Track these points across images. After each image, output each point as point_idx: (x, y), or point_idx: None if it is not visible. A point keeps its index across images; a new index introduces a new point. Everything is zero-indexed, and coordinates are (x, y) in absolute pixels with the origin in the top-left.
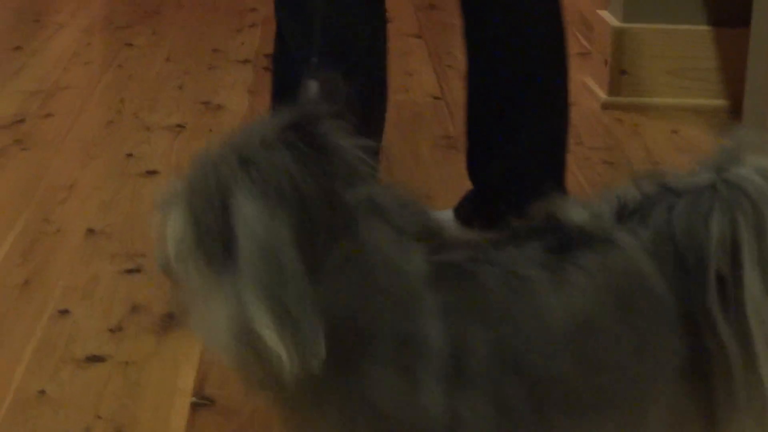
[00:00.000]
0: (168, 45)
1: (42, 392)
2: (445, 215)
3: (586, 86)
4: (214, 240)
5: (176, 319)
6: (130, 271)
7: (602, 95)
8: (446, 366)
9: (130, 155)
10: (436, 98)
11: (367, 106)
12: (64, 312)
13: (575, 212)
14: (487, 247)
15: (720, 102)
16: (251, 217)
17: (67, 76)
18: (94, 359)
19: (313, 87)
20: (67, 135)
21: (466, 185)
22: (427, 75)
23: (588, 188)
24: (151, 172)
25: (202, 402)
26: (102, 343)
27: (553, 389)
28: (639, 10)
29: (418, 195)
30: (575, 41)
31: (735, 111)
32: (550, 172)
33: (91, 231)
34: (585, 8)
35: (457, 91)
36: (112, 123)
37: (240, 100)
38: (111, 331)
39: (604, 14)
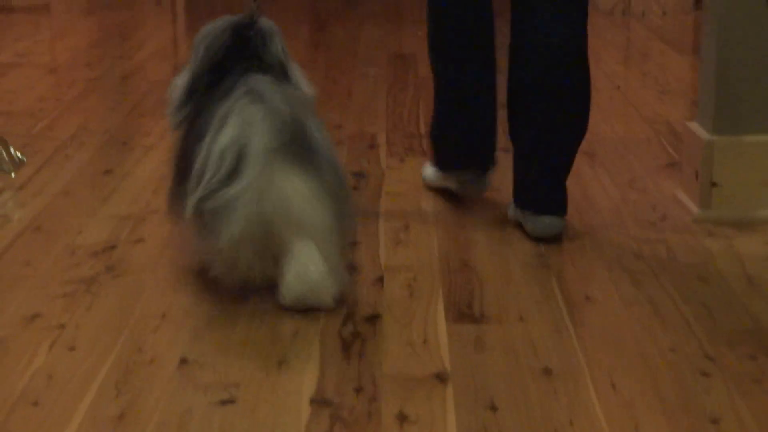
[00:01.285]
0: None
1: None
2: None
3: (677, 199)
4: None
5: None
6: (224, 402)
7: (694, 208)
8: None
9: (219, 282)
10: None
11: None
12: None
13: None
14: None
15: None
16: None
17: (156, 200)
18: None
19: None
20: (158, 260)
21: (561, 306)
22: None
23: (683, 306)
24: (240, 295)
25: None
26: None
27: None
28: (729, 122)
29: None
30: (663, 151)
31: None
32: (571, 141)
33: (184, 360)
34: (672, 118)
35: None
36: None
37: None
38: None
39: (693, 126)
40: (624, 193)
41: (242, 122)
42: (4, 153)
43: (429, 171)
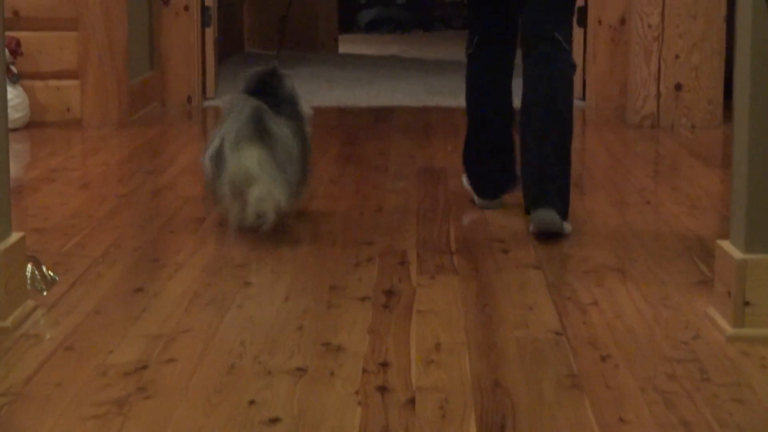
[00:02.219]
0: (286, 283)
1: None
2: None
3: (709, 317)
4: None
5: None
6: None
7: (727, 328)
8: None
9: (252, 402)
10: (557, 334)
11: None
12: None
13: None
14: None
15: None
16: None
17: (188, 319)
18: None
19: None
20: (189, 381)
21: (595, 430)
22: (546, 309)
23: (719, 429)
24: (274, 420)
25: None
26: None
27: None
28: (761, 240)
29: None
30: (695, 268)
31: None
32: (564, 164)
33: None
34: (704, 234)
35: (579, 326)
36: (233, 368)
37: (360, 339)
38: None
39: (725, 244)
40: (656, 310)
41: (227, 124)
42: (36, 271)
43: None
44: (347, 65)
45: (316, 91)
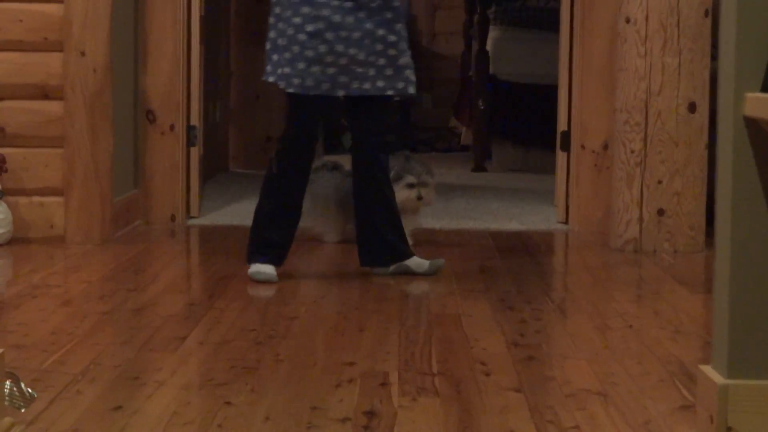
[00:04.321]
0: (266, 403)
1: None
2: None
3: None
4: None
5: None
6: None
7: None
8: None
9: None
10: None
11: None
12: None
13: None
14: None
15: None
16: None
17: None
18: None
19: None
20: None
21: None
22: None
23: None
24: None
25: None
26: None
27: None
28: (744, 366)
29: None
30: (677, 393)
31: None
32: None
33: None
34: (686, 359)
35: None
36: None
37: None
38: None
39: (707, 369)
40: None
41: None
42: (15, 388)
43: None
44: None
45: None
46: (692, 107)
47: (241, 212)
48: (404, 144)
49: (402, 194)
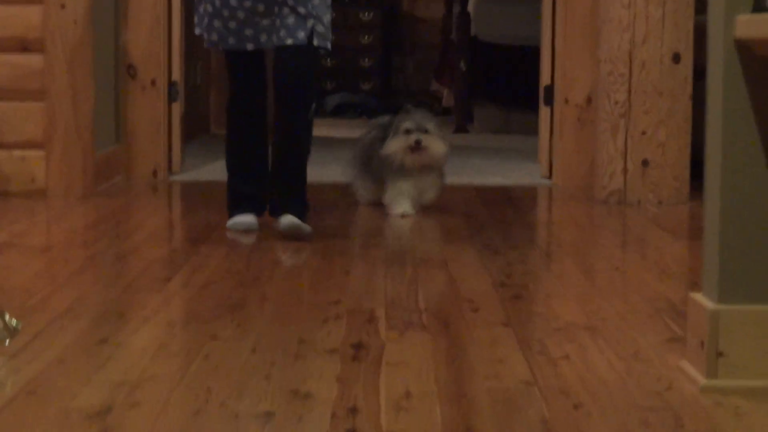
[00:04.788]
0: (253, 337)
1: None
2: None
3: (682, 370)
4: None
5: None
6: None
7: (700, 379)
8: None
9: None
10: (528, 384)
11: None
12: None
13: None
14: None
15: None
16: None
17: (153, 367)
18: None
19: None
20: (154, 425)
21: None
22: (517, 362)
23: None
24: None
25: None
26: None
27: None
28: (734, 291)
29: None
30: (665, 327)
31: None
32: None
33: None
34: (673, 297)
35: (550, 377)
36: (199, 412)
37: (328, 387)
38: None
39: (697, 296)
40: (628, 364)
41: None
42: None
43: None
44: (314, 144)
45: None
46: (677, 58)
47: (222, 169)
48: (385, 109)
49: (396, 143)
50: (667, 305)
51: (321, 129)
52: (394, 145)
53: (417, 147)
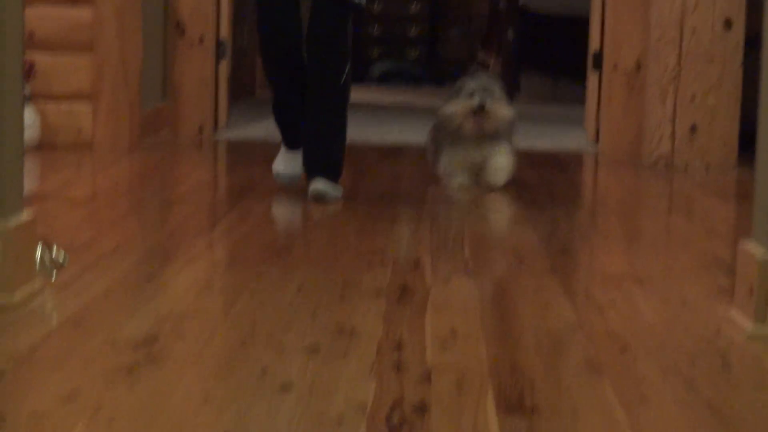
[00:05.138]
0: (299, 278)
1: None
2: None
3: (730, 318)
4: None
5: None
6: None
7: (749, 325)
8: None
9: (264, 372)
10: (574, 327)
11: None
12: None
13: None
14: None
15: None
16: None
17: (198, 302)
18: None
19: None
20: (200, 354)
21: (615, 405)
22: (563, 306)
23: (743, 411)
24: (287, 387)
25: None
26: None
27: None
28: None
29: None
30: (713, 281)
31: None
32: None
33: None
34: (722, 255)
35: (597, 321)
36: (245, 343)
37: (374, 325)
38: None
39: (748, 243)
40: (675, 311)
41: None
42: (47, 254)
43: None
44: (359, 110)
45: None
46: (728, 24)
47: (268, 128)
48: (431, 77)
49: (457, 105)
50: (714, 261)
51: (366, 95)
52: (454, 107)
53: (480, 111)
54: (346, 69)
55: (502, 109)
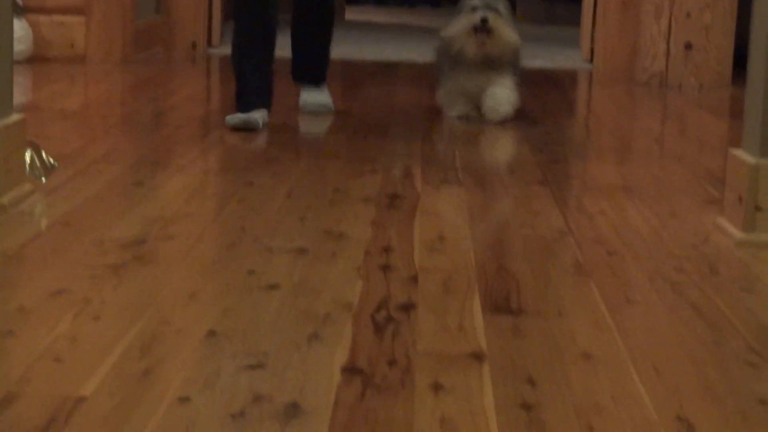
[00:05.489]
0: (288, 184)
1: None
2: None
3: (719, 226)
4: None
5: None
6: (252, 367)
7: (737, 233)
8: None
9: (251, 272)
10: (563, 233)
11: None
12: (185, 399)
13: None
14: None
15: None
16: None
17: (188, 206)
18: None
19: None
20: (187, 254)
21: (601, 306)
22: (553, 214)
23: (727, 311)
24: (273, 287)
25: None
26: (224, 430)
27: None
28: None
29: None
30: (703, 191)
31: None
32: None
33: (212, 333)
34: (712, 166)
35: (586, 228)
36: (233, 245)
37: (363, 229)
38: (233, 416)
39: (737, 151)
40: (664, 220)
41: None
42: (36, 158)
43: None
44: (354, 28)
45: None
46: None
47: None
48: None
49: (459, 23)
50: (705, 173)
51: (362, 15)
52: (456, 26)
53: (482, 28)
54: None
55: (506, 31)
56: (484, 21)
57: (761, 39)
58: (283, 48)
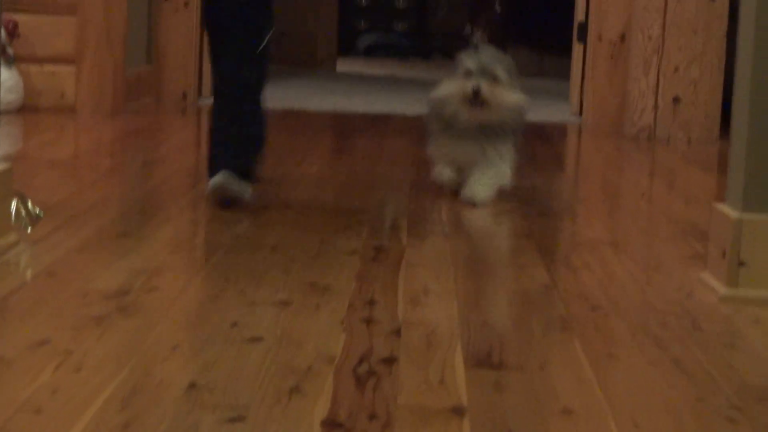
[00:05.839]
0: (275, 236)
1: None
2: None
3: (703, 281)
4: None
5: None
6: (233, 420)
7: (720, 288)
8: None
9: (234, 324)
10: (547, 287)
11: None
12: None
13: None
14: None
15: None
16: None
17: (173, 258)
18: None
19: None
20: (171, 306)
21: (583, 361)
22: (537, 267)
23: (709, 366)
24: (256, 339)
25: None
26: None
27: None
28: (758, 200)
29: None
30: (688, 246)
31: None
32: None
33: (193, 385)
34: (698, 221)
35: (570, 282)
36: (217, 297)
37: (347, 282)
38: None
39: (721, 206)
40: (649, 275)
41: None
42: (22, 207)
43: None
44: (345, 80)
45: (312, 97)
46: None
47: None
48: (419, 51)
49: (451, 86)
50: (691, 227)
51: (353, 67)
52: (448, 89)
53: (475, 99)
54: (266, 35)
55: (505, 97)
56: (476, 93)
57: (744, 94)
58: (272, 100)
